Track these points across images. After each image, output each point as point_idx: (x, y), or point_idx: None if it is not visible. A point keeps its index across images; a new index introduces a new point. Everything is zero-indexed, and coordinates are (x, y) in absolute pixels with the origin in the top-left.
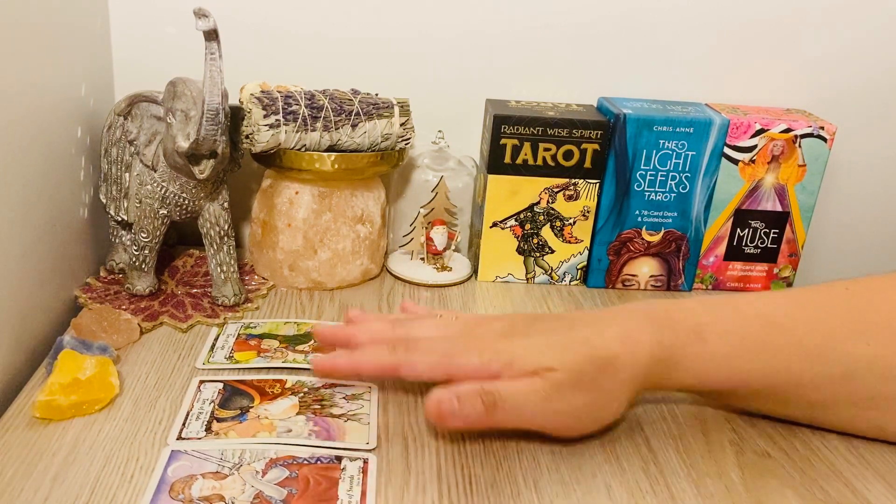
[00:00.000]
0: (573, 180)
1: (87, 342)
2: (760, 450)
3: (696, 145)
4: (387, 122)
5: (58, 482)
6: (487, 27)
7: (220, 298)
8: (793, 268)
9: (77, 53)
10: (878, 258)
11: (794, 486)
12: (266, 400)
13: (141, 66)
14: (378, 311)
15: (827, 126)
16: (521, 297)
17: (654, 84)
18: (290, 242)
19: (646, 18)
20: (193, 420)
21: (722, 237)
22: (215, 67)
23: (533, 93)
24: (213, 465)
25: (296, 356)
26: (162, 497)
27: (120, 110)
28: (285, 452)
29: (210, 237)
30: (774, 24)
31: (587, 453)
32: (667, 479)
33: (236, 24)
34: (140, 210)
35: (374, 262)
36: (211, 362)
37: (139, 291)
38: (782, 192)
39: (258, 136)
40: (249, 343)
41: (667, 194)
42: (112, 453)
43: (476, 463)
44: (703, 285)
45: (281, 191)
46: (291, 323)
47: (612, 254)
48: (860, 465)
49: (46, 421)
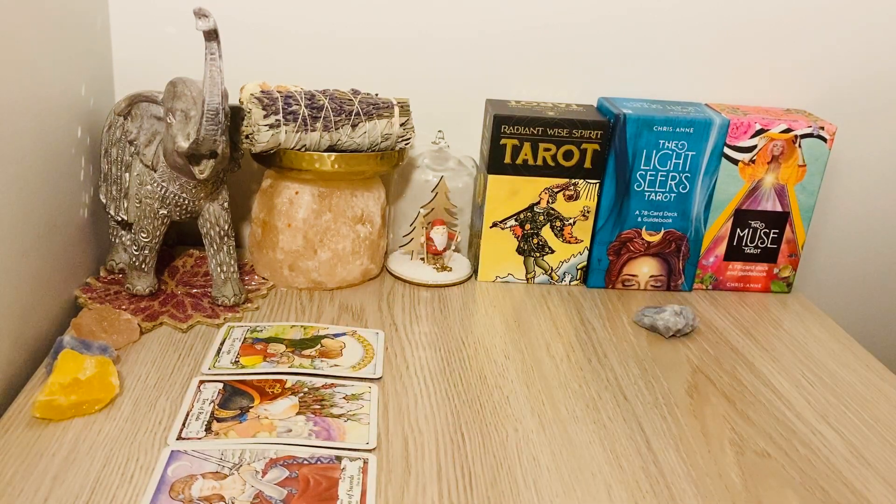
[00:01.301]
0: (573, 180)
1: (87, 342)
2: (760, 450)
3: (696, 145)
4: (387, 122)
5: (58, 482)
6: (487, 27)
7: (220, 298)
8: (793, 268)
9: (77, 53)
10: (877, 258)
11: (794, 486)
12: (266, 400)
13: (141, 66)
14: (378, 311)
15: (827, 126)
16: (521, 297)
17: (654, 84)
18: (290, 242)
19: (646, 18)
20: (193, 420)
21: (722, 237)
22: (215, 67)
23: (533, 93)
24: (212, 465)
25: (302, 361)
26: (162, 497)
27: (120, 110)
28: (285, 452)
29: (210, 237)
30: (774, 25)
31: (587, 453)
32: (667, 479)
33: (236, 24)
34: (140, 210)
35: (374, 262)
36: (217, 367)
37: (139, 291)
38: (782, 192)
39: (258, 136)
40: (255, 347)
41: (667, 194)
42: (112, 453)
43: (476, 463)
44: (703, 285)
45: (281, 191)
46: (298, 326)
47: (612, 254)
48: (860, 465)
49: (46, 421)
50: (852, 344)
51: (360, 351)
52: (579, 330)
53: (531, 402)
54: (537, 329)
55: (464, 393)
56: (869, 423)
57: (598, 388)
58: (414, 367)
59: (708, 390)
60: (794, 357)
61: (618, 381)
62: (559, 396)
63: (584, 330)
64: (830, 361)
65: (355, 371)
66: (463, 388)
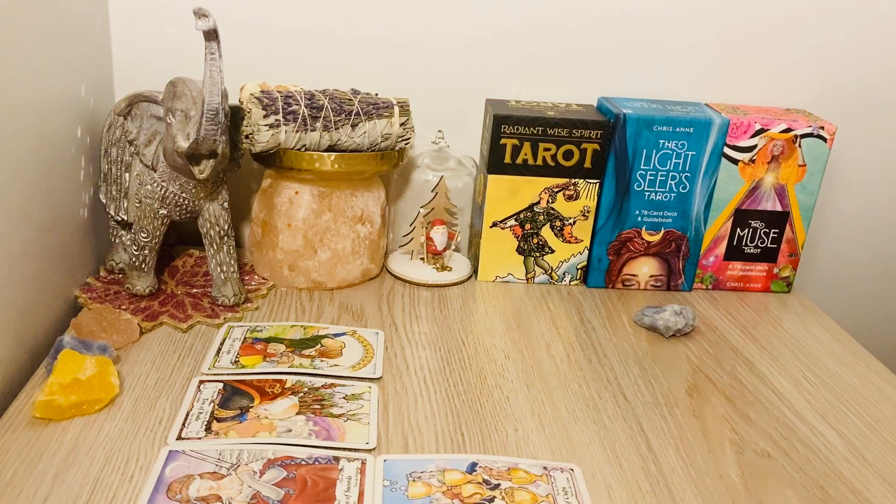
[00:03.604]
0: (573, 180)
1: (87, 342)
2: (760, 450)
3: (696, 145)
4: (387, 122)
5: (58, 482)
6: (487, 27)
7: (220, 298)
8: (793, 268)
9: (77, 53)
10: (877, 258)
11: (794, 486)
12: (266, 400)
13: (141, 66)
14: (378, 311)
15: (827, 126)
16: (521, 296)
17: (654, 84)
18: (290, 242)
19: (646, 18)
20: (193, 420)
21: (722, 237)
22: (215, 67)
23: (533, 93)
24: (210, 465)
25: (302, 361)
26: (160, 497)
27: (120, 110)
28: (283, 453)
29: (210, 237)
30: (774, 25)
31: (587, 453)
32: (667, 479)
33: (236, 24)
34: (140, 210)
35: (374, 262)
36: (217, 367)
37: (139, 291)
38: (782, 192)
39: (258, 136)
40: (255, 347)
41: (667, 194)
42: (112, 453)
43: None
44: (703, 285)
45: (281, 191)
46: (298, 326)
47: (612, 254)
48: (860, 465)
49: (46, 421)
50: (852, 344)
51: (360, 351)
52: (579, 330)
53: (531, 401)
54: (537, 329)
55: (464, 393)
56: (869, 423)
57: (598, 387)
58: (414, 366)
59: (708, 390)
60: (794, 357)
61: (618, 380)
62: (559, 396)
63: (584, 330)
64: (830, 361)
65: (355, 371)
66: (463, 387)
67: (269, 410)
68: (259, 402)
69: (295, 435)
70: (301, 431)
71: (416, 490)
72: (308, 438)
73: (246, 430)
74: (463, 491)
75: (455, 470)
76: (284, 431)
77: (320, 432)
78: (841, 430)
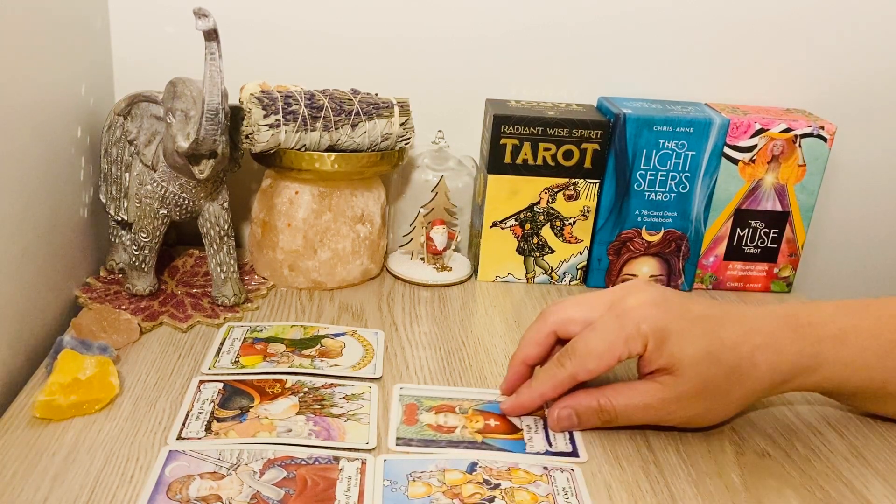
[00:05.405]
0: (573, 180)
1: (87, 342)
2: (760, 450)
3: (696, 145)
4: (387, 122)
5: (58, 482)
6: (487, 27)
7: (220, 298)
8: (793, 268)
9: (77, 53)
10: (878, 258)
11: (794, 486)
12: (266, 400)
13: (141, 66)
14: (378, 311)
15: (827, 126)
16: (521, 296)
17: (654, 84)
18: (290, 242)
19: (646, 18)
20: (193, 420)
21: (722, 237)
22: (215, 67)
23: (533, 93)
24: (210, 465)
25: (302, 360)
26: (159, 497)
27: (120, 110)
28: (283, 453)
29: (210, 237)
30: (775, 25)
31: (587, 453)
32: (667, 479)
33: (236, 24)
34: (140, 210)
35: (374, 262)
36: (217, 367)
37: (139, 291)
38: (782, 192)
39: (258, 136)
40: (255, 347)
41: (667, 194)
42: (112, 453)
43: None
44: (703, 285)
45: (281, 191)
46: (298, 326)
47: (612, 253)
48: (860, 465)
49: (46, 421)
50: None
51: (359, 351)
52: None
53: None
54: None
55: None
56: (869, 423)
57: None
58: (414, 366)
59: None
60: None
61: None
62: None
63: None
64: None
65: (355, 371)
66: (463, 387)
67: (270, 410)
68: (259, 402)
69: (295, 435)
70: (301, 431)
71: (417, 490)
72: (308, 438)
73: (246, 430)
74: (463, 491)
75: (455, 470)
76: (284, 431)
77: (320, 432)
78: (841, 430)
